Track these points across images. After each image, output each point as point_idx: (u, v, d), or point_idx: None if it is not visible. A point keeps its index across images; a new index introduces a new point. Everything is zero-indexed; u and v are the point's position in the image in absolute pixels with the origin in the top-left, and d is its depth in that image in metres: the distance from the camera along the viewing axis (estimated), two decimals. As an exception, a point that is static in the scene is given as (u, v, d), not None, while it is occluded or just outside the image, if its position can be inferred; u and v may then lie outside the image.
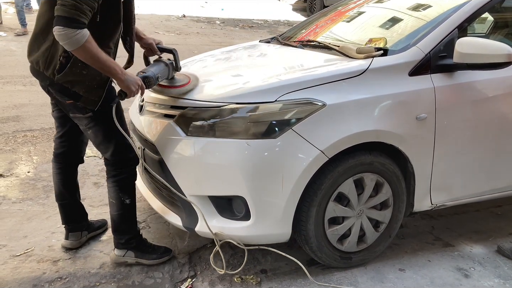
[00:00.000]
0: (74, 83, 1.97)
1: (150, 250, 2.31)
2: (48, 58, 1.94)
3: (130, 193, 2.23)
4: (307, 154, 1.98)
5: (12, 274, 2.20)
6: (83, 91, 1.99)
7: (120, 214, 2.23)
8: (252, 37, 9.82)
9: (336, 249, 2.25)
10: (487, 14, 3.04)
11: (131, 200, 2.22)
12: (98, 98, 2.03)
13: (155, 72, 2.12)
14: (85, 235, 2.47)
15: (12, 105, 4.82)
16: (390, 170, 2.21)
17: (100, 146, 2.16)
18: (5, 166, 3.41)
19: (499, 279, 2.32)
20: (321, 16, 3.37)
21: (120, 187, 2.19)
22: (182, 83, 2.25)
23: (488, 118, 2.36)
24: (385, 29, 2.73)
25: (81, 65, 1.92)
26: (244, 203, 2.03)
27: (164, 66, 2.21)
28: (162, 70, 2.18)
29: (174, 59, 2.27)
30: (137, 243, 2.29)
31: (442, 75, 2.24)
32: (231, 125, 2.03)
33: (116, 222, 2.26)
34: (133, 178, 2.24)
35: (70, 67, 1.93)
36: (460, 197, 2.48)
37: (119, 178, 2.19)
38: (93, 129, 2.10)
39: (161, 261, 2.31)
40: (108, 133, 2.10)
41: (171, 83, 2.26)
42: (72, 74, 1.94)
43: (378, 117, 2.11)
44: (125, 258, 2.28)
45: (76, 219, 2.44)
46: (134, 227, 2.30)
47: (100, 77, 1.99)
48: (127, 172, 2.20)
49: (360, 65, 2.16)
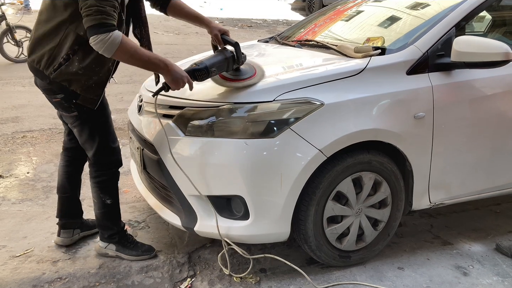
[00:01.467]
0: (71, 82, 1.98)
1: (132, 247, 2.36)
2: (50, 58, 1.96)
3: (111, 193, 2.28)
4: (306, 153, 1.98)
5: (12, 274, 2.21)
6: (80, 90, 2.01)
7: (102, 213, 2.30)
8: (251, 37, 9.83)
9: (335, 248, 2.26)
10: (485, 12, 3.05)
11: (112, 200, 2.28)
12: (96, 97, 2.05)
13: (208, 65, 2.05)
14: (78, 233, 2.50)
15: (12, 106, 4.82)
16: (389, 168, 2.22)
17: (85, 145, 2.20)
18: (4, 167, 3.42)
19: (498, 276, 2.32)
20: (319, 16, 3.37)
21: (100, 188, 2.25)
22: (247, 76, 2.17)
23: (486, 117, 2.37)
24: (383, 28, 2.74)
25: (77, 65, 1.94)
26: (243, 203, 2.04)
27: (223, 58, 2.12)
28: (218, 63, 2.09)
29: (236, 52, 2.15)
30: (119, 238, 2.35)
31: (440, 74, 2.24)
32: (230, 124, 2.04)
33: (98, 219, 2.33)
34: (114, 180, 2.29)
35: (67, 66, 1.95)
36: (458, 195, 2.48)
37: (100, 180, 2.24)
38: (78, 128, 2.15)
39: (140, 259, 2.34)
40: (91, 134, 2.14)
41: (235, 75, 2.18)
42: (68, 73, 1.96)
43: (376, 116, 2.12)
44: (106, 250, 2.36)
45: (71, 215, 2.47)
46: (116, 224, 2.35)
47: (97, 77, 2.01)
48: (108, 174, 2.25)
49: (358, 64, 2.17)
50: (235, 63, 2.16)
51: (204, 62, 2.06)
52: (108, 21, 1.77)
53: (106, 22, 1.76)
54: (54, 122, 4.41)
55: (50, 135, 4.13)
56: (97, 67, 2.00)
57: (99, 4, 1.75)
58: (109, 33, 1.76)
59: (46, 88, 2.06)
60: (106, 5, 1.77)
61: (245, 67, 2.22)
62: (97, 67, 2.00)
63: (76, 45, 1.93)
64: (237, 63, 2.17)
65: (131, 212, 2.84)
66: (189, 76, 2.00)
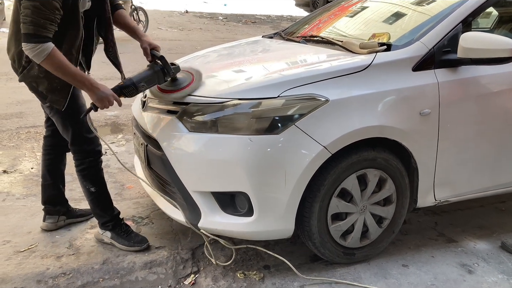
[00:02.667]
0: (37, 84, 2.10)
1: (125, 236, 2.42)
2: (16, 61, 2.11)
3: (94, 182, 2.35)
4: (310, 150, 1.97)
5: (16, 269, 2.21)
6: (46, 91, 2.11)
7: (91, 200, 2.39)
8: (255, 33, 9.80)
9: (339, 245, 2.25)
10: (491, 8, 3.02)
11: (95, 188, 2.35)
12: (63, 99, 2.13)
13: (135, 81, 2.10)
14: (63, 220, 2.59)
15: (16, 101, 4.83)
16: (394, 165, 2.21)
17: (63, 134, 2.30)
18: (8, 162, 3.42)
19: (503, 274, 2.31)
20: (324, 11, 3.35)
21: (82, 176, 2.34)
22: (184, 85, 2.21)
23: (492, 114, 2.35)
24: (389, 24, 2.72)
25: (37, 69, 2.03)
26: (247, 199, 2.03)
27: (151, 73, 2.16)
28: (147, 77, 2.14)
29: (163, 64, 2.18)
30: (113, 226, 2.41)
31: (446, 70, 2.23)
32: (234, 121, 2.03)
33: (91, 207, 2.44)
34: (95, 170, 2.34)
35: (29, 70, 2.07)
36: (463, 193, 2.47)
37: (80, 168, 2.32)
38: (54, 118, 2.27)
39: (130, 249, 2.39)
40: (64, 124, 2.24)
41: (172, 86, 2.23)
42: (31, 76, 2.08)
43: (382, 113, 2.10)
44: (102, 236, 2.44)
45: (54, 202, 2.56)
46: (108, 212, 2.42)
47: (59, 80, 2.04)
48: (87, 163, 2.31)
49: (363, 60, 2.15)
50: (166, 76, 2.19)
51: (131, 79, 2.12)
52: (42, 33, 1.87)
53: (39, 34, 1.87)
54: (58, 118, 4.42)
55: (54, 130, 4.13)
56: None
57: (34, 17, 1.85)
58: (39, 44, 1.87)
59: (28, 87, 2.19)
60: (41, 17, 1.86)
61: (181, 75, 2.26)
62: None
63: None
64: (168, 75, 2.20)
65: (134, 208, 2.84)
66: (117, 94, 2.08)
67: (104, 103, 2.05)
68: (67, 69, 1.96)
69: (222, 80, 2.30)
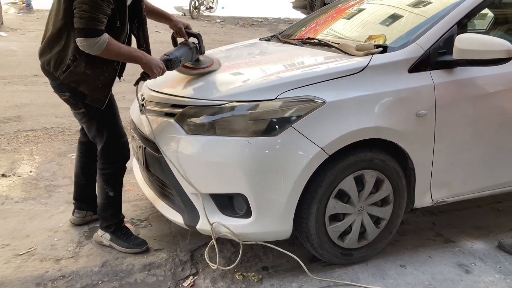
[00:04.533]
0: (79, 82, 2.09)
1: (125, 238, 2.43)
2: (58, 60, 2.08)
3: (115, 187, 2.37)
4: (308, 152, 1.99)
5: (15, 273, 2.22)
6: (88, 90, 2.11)
7: (104, 203, 2.40)
8: (253, 35, 9.82)
9: (337, 245, 2.26)
10: (487, 10, 3.04)
11: (114, 193, 2.37)
12: (103, 97, 2.15)
13: (178, 55, 2.25)
14: (90, 215, 2.64)
15: (14, 105, 4.83)
16: (391, 166, 2.22)
17: (94, 139, 2.32)
18: (7, 166, 3.43)
19: (500, 274, 2.32)
20: (321, 14, 3.37)
21: (105, 180, 2.35)
22: (206, 65, 2.39)
23: (488, 114, 2.37)
24: (385, 26, 2.73)
25: (85, 65, 2.05)
26: (245, 201, 2.04)
27: (188, 49, 2.33)
28: (185, 53, 2.30)
29: (198, 43, 2.39)
30: (115, 228, 2.42)
31: (442, 72, 2.24)
32: (232, 123, 2.04)
33: (100, 209, 2.43)
34: (119, 175, 2.38)
35: (75, 66, 2.05)
36: (460, 193, 2.48)
37: (105, 172, 2.34)
38: (86, 124, 2.29)
39: (130, 251, 2.40)
40: (98, 129, 2.25)
41: (195, 65, 2.39)
42: (76, 73, 2.06)
43: (378, 114, 2.11)
44: (102, 238, 2.45)
45: (84, 200, 2.63)
46: (116, 216, 2.43)
47: (104, 77, 2.10)
48: (114, 168, 2.34)
49: (360, 62, 2.17)
50: (198, 53, 2.38)
51: (174, 53, 2.26)
52: (99, 27, 1.92)
53: (96, 28, 1.92)
54: (57, 121, 4.42)
55: (53, 134, 4.13)
56: (103, 66, 2.09)
57: (93, 11, 1.89)
58: (97, 38, 1.92)
59: (56, 86, 2.18)
60: (99, 13, 1.91)
61: (203, 58, 2.45)
62: (103, 66, 2.09)
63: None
64: (199, 53, 2.39)
65: (133, 211, 2.84)
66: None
67: (156, 70, 2.13)
68: (123, 50, 2.05)
69: (219, 83, 2.31)
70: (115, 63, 2.13)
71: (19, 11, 10.38)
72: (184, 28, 2.43)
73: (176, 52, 2.27)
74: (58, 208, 2.85)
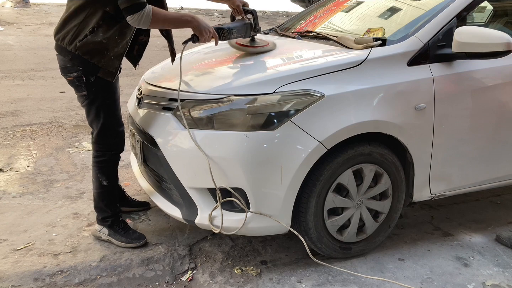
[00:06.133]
0: (94, 53, 2.10)
1: (122, 233, 2.42)
2: (75, 33, 2.09)
3: (108, 175, 2.36)
4: (306, 146, 1.98)
5: (13, 268, 2.21)
6: (102, 63, 2.13)
7: (98, 193, 2.39)
8: (251, 29, 9.76)
9: (336, 239, 2.26)
10: (486, 2, 3.03)
11: (108, 182, 2.36)
12: (114, 70, 2.19)
13: (230, 27, 2.30)
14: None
15: (11, 99, 4.81)
16: (389, 160, 2.21)
17: (91, 124, 2.31)
18: (4, 161, 3.42)
19: (498, 267, 2.33)
20: (319, 7, 3.35)
21: (99, 168, 2.35)
22: (261, 45, 2.44)
23: (487, 107, 2.36)
24: (384, 19, 2.72)
25: (102, 35, 2.08)
26: (244, 195, 2.03)
27: (242, 24, 2.38)
28: (239, 27, 2.35)
29: (253, 19, 2.42)
30: (112, 222, 2.42)
31: (441, 65, 2.23)
32: (230, 117, 2.03)
33: (95, 199, 2.43)
34: (113, 163, 2.37)
35: (92, 36, 2.08)
36: (459, 187, 2.48)
37: (99, 160, 2.34)
38: (86, 107, 2.26)
39: (128, 246, 2.40)
40: (97, 114, 2.24)
41: (250, 43, 2.44)
42: (92, 42, 2.08)
43: (377, 108, 2.11)
44: (100, 233, 2.45)
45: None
46: (111, 207, 2.42)
47: (117, 48, 2.15)
48: (108, 156, 2.33)
49: (359, 56, 2.15)
50: (252, 30, 2.41)
51: (227, 25, 2.31)
52: (140, 0, 1.97)
53: (138, 2, 1.97)
54: (54, 116, 4.41)
55: (50, 128, 4.12)
56: (119, 38, 2.13)
57: None
58: (141, 11, 1.98)
59: (66, 66, 2.17)
60: None
61: (258, 39, 2.48)
62: (119, 39, 2.13)
63: (101, 20, 2.06)
64: (254, 30, 2.42)
65: (131, 205, 2.84)
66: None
67: (206, 33, 2.16)
68: (171, 15, 2.11)
69: (217, 76, 2.30)
70: (127, 37, 2.17)
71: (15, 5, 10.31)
72: (242, 5, 2.49)
73: (230, 24, 2.32)
74: (56, 203, 2.84)
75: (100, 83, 2.17)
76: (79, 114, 4.48)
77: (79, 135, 4.00)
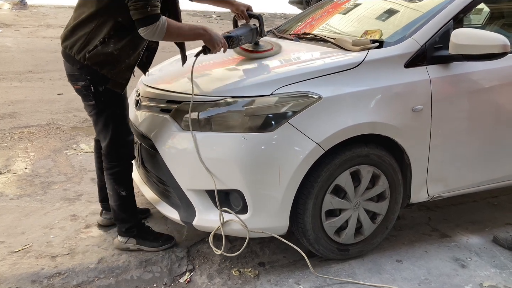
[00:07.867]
0: (104, 64, 2.03)
1: (152, 238, 2.38)
2: (84, 42, 2.02)
3: (126, 185, 2.29)
4: (304, 147, 1.98)
5: (10, 270, 2.21)
6: (111, 74, 2.06)
7: (118, 205, 2.31)
8: (249, 31, 9.77)
9: (334, 241, 2.26)
10: (483, 5, 3.04)
11: (127, 192, 2.29)
12: (125, 81, 2.13)
13: (238, 34, 2.29)
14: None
15: (8, 101, 4.80)
16: (387, 162, 2.22)
17: (99, 135, 2.25)
18: (2, 163, 3.41)
19: (496, 268, 2.33)
20: (317, 9, 3.36)
21: (114, 179, 2.27)
22: (266, 49, 2.42)
23: (484, 109, 2.37)
24: (381, 21, 2.73)
25: (113, 46, 2.01)
26: (241, 197, 2.04)
27: (249, 30, 2.35)
28: (246, 34, 2.33)
29: (260, 24, 2.40)
30: (138, 231, 2.36)
31: (438, 67, 2.24)
32: (227, 119, 2.03)
33: (116, 212, 2.34)
34: (128, 172, 2.30)
35: (103, 47, 2.00)
36: (456, 188, 2.49)
37: (113, 171, 2.26)
38: (94, 117, 2.19)
39: (162, 249, 2.37)
40: (106, 124, 2.17)
41: (255, 48, 2.43)
42: (103, 54, 2.01)
43: (374, 109, 2.11)
44: (127, 244, 2.36)
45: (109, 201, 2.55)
46: (134, 216, 2.37)
47: (128, 60, 2.08)
48: (121, 165, 2.26)
49: (356, 58, 2.16)
50: (258, 35, 2.40)
51: (235, 32, 2.30)
52: (154, 12, 1.90)
53: (153, 14, 1.89)
54: (52, 118, 4.40)
55: (48, 130, 4.12)
56: (130, 50, 2.07)
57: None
58: (156, 23, 1.90)
59: (73, 74, 2.10)
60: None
61: (263, 43, 2.47)
62: (130, 50, 2.07)
63: (112, 30, 1.99)
64: (259, 35, 2.41)
65: (129, 207, 2.83)
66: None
67: (218, 45, 2.15)
68: (184, 28, 2.06)
69: (215, 78, 2.31)
70: (140, 48, 2.12)
71: (13, 7, 10.28)
72: (246, 10, 2.46)
73: (237, 31, 2.31)
74: (54, 205, 2.84)
75: (109, 93, 2.10)
76: (77, 116, 4.48)
77: (77, 137, 3.99)
